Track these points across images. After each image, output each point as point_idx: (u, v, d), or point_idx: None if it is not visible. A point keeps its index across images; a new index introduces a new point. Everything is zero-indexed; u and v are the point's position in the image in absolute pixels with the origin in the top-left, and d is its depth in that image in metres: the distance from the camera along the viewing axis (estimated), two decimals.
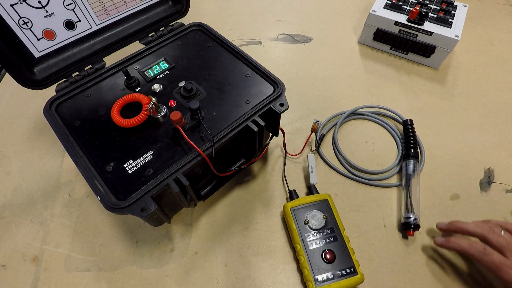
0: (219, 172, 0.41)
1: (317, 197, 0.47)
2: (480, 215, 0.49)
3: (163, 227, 0.48)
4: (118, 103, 0.42)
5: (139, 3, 0.50)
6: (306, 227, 0.44)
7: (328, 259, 0.41)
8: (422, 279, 0.44)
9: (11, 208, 0.50)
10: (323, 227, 0.44)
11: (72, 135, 0.40)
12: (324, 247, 0.42)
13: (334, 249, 0.42)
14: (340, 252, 0.42)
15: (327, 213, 0.45)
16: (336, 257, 0.41)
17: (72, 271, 0.44)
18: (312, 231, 0.44)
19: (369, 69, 0.69)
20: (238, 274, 0.44)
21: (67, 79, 0.46)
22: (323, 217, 0.44)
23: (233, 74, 0.47)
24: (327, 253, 0.41)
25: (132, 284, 0.43)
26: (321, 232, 0.43)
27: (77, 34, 0.46)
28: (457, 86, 0.66)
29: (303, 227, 0.44)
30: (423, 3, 0.68)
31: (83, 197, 0.51)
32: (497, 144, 0.57)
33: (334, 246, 0.42)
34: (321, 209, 0.46)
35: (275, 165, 0.55)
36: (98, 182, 0.36)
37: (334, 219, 0.45)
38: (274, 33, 0.76)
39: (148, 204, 0.34)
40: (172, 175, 0.36)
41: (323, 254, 0.42)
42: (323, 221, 0.44)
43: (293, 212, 0.45)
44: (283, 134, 0.49)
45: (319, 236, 0.43)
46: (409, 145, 0.53)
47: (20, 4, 0.39)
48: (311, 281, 0.40)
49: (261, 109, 0.42)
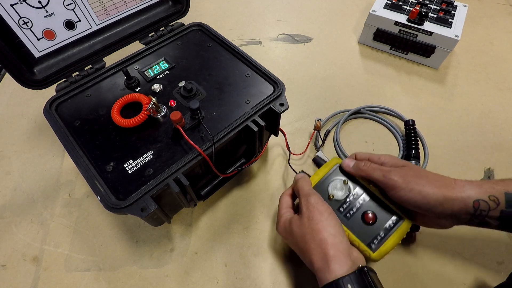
0: (221, 172, 0.41)
1: (327, 166, 0.44)
2: None
3: (163, 227, 0.48)
4: (118, 103, 0.41)
5: (139, 3, 0.50)
6: (333, 202, 0.41)
7: (370, 220, 0.39)
8: (422, 279, 0.44)
9: (11, 208, 0.50)
10: (348, 194, 0.41)
11: (72, 135, 0.40)
12: (360, 211, 0.40)
13: (370, 208, 0.40)
14: (377, 208, 0.40)
15: (345, 176, 0.43)
16: (377, 215, 0.39)
17: (72, 271, 0.44)
18: (340, 202, 0.41)
19: (369, 69, 0.69)
20: (238, 274, 0.44)
21: (67, 79, 0.46)
22: (344, 182, 0.42)
23: (233, 74, 0.47)
24: (366, 216, 0.39)
25: (132, 284, 0.43)
26: (349, 199, 0.41)
27: (77, 34, 0.46)
28: (457, 86, 0.66)
29: (330, 203, 0.41)
30: (423, 3, 0.68)
31: (83, 197, 0.51)
32: (497, 144, 0.57)
33: (369, 205, 0.40)
34: (337, 176, 0.43)
35: (275, 165, 0.55)
36: (98, 182, 0.36)
37: (354, 179, 0.42)
38: (274, 33, 0.76)
39: (148, 204, 0.34)
40: (172, 175, 0.36)
41: (363, 219, 0.39)
42: (345, 188, 0.42)
43: None
44: (284, 135, 0.49)
45: (349, 203, 0.41)
46: (411, 146, 0.53)
47: (20, 4, 0.39)
48: (366, 250, 0.37)
49: (261, 109, 0.42)
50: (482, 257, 0.45)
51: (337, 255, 0.33)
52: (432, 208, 0.35)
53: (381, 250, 0.37)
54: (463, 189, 0.35)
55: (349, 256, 0.34)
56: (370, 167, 0.40)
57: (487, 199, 0.34)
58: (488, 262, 0.45)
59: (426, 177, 0.36)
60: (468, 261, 0.45)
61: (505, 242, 0.46)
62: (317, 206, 0.37)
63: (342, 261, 0.33)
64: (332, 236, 0.34)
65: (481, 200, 0.34)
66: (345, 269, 0.32)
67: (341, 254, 0.33)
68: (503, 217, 0.33)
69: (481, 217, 0.34)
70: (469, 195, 0.34)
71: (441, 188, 0.35)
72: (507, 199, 0.33)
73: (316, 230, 0.35)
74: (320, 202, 0.38)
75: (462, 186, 0.35)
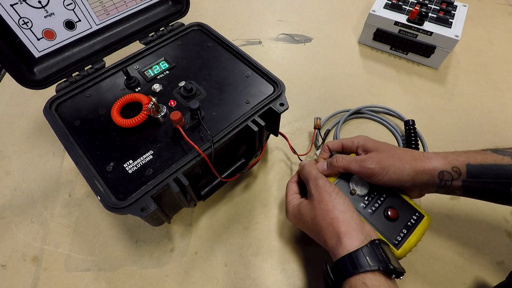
0: (220, 174, 0.41)
1: None
2: (480, 215, 0.49)
3: (163, 227, 0.48)
4: (118, 103, 0.41)
5: (139, 3, 0.50)
6: (355, 198, 0.41)
7: (392, 216, 0.39)
8: (422, 279, 0.44)
9: (11, 208, 0.50)
10: (370, 190, 0.41)
11: (72, 135, 0.40)
12: (382, 207, 0.40)
13: (392, 204, 0.40)
14: (399, 204, 0.40)
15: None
16: (399, 211, 0.39)
17: (72, 271, 0.44)
18: (363, 198, 0.41)
19: (369, 69, 0.69)
20: (238, 274, 0.44)
21: (67, 79, 0.46)
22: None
23: (233, 74, 0.47)
24: (388, 212, 0.39)
25: (132, 284, 0.43)
26: (371, 195, 0.41)
27: (77, 34, 0.46)
28: (457, 86, 0.66)
29: (353, 198, 0.40)
30: (423, 3, 0.68)
31: (83, 197, 0.51)
32: (497, 144, 0.57)
33: (391, 201, 0.40)
34: None
35: (275, 165, 0.55)
36: (98, 182, 0.36)
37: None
38: (274, 33, 0.76)
39: (148, 204, 0.34)
40: (172, 175, 0.36)
41: (385, 215, 0.39)
42: (367, 184, 0.41)
43: None
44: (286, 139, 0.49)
45: (372, 199, 0.41)
46: (411, 146, 0.53)
47: (20, 4, 0.39)
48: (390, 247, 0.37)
49: (261, 109, 0.42)
50: (482, 257, 0.45)
51: (349, 231, 0.34)
52: (405, 183, 0.38)
53: (405, 247, 0.37)
54: (430, 161, 0.37)
55: (360, 231, 0.34)
56: (344, 161, 0.41)
57: (450, 170, 0.36)
58: (488, 262, 0.45)
59: (398, 156, 0.38)
60: (468, 261, 0.45)
61: (505, 242, 0.46)
62: (325, 187, 0.38)
63: (354, 236, 0.33)
64: (342, 213, 0.35)
65: (445, 171, 0.36)
66: (357, 243, 0.32)
67: (353, 229, 0.34)
68: (465, 186, 0.36)
69: (446, 187, 0.37)
70: (435, 167, 0.36)
71: (411, 162, 0.37)
72: (468, 170, 0.35)
73: (326, 210, 0.36)
74: (327, 184, 0.39)
75: (429, 158, 0.37)
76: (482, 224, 0.48)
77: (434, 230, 0.47)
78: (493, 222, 0.48)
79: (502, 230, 0.48)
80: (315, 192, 0.38)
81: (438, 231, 0.47)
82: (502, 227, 0.48)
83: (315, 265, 0.45)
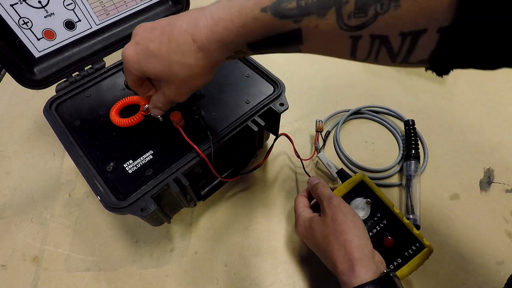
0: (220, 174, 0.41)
1: (351, 182, 0.43)
2: (480, 215, 0.49)
3: (163, 227, 0.48)
4: (118, 104, 0.42)
5: (139, 3, 0.50)
6: None
7: (388, 245, 0.38)
8: (422, 279, 0.44)
9: (11, 208, 0.50)
10: (370, 214, 0.40)
11: (72, 135, 0.40)
12: (381, 234, 0.39)
13: (391, 232, 0.39)
14: (398, 233, 0.39)
15: (369, 196, 0.42)
16: (397, 240, 0.38)
17: (72, 271, 0.44)
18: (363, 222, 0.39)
19: (369, 69, 0.69)
20: (238, 274, 0.44)
21: (67, 79, 0.46)
22: (367, 202, 0.41)
23: (233, 74, 0.47)
24: (386, 240, 0.38)
25: (132, 284, 0.43)
26: (371, 220, 0.40)
27: (77, 34, 0.46)
28: (457, 86, 0.66)
29: None
30: None
31: (83, 197, 0.51)
32: (497, 144, 0.57)
33: (390, 229, 0.39)
34: (361, 194, 0.42)
35: (275, 165, 0.55)
36: (98, 182, 0.36)
37: (378, 199, 0.41)
38: None
39: (148, 204, 0.34)
40: (172, 175, 0.36)
41: (383, 242, 0.39)
42: (368, 208, 0.41)
43: None
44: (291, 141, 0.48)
45: (371, 224, 0.40)
46: (410, 146, 0.53)
47: (20, 4, 0.39)
48: None
49: (261, 109, 0.42)
50: (482, 257, 0.45)
51: (363, 258, 0.32)
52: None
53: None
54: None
55: (373, 259, 0.33)
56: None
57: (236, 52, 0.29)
58: (488, 262, 0.45)
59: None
60: (468, 261, 0.45)
61: (505, 242, 0.46)
62: (340, 207, 0.36)
63: (368, 265, 0.31)
64: (357, 238, 0.33)
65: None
66: (371, 274, 0.31)
67: (366, 257, 0.32)
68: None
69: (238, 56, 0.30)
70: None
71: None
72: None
73: (340, 231, 0.34)
74: (342, 204, 0.37)
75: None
76: (482, 224, 0.48)
77: (434, 230, 0.47)
78: (493, 222, 0.48)
79: (502, 230, 0.48)
80: (329, 211, 0.37)
81: (438, 231, 0.47)
82: (502, 227, 0.48)
83: (315, 265, 0.45)
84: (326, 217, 0.36)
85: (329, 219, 0.36)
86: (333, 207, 0.37)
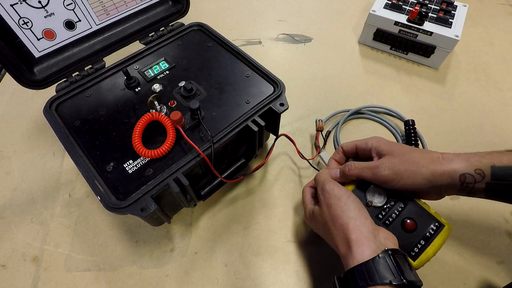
0: (221, 174, 0.41)
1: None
2: (480, 215, 0.49)
3: (163, 227, 0.48)
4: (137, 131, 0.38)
5: (139, 3, 0.50)
6: (372, 209, 0.39)
7: (410, 228, 0.37)
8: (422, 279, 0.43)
9: (11, 208, 0.50)
10: (387, 200, 0.40)
11: (72, 135, 0.40)
12: (400, 218, 0.38)
13: (410, 214, 0.38)
14: (417, 214, 0.38)
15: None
16: (417, 221, 0.38)
17: (72, 271, 0.44)
18: (380, 209, 0.39)
19: (369, 69, 0.69)
20: (238, 274, 0.44)
21: (67, 79, 0.46)
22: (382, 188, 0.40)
23: (233, 74, 0.47)
24: (406, 223, 0.38)
25: (132, 284, 0.43)
26: (389, 205, 0.39)
27: (77, 34, 0.46)
28: (457, 86, 0.66)
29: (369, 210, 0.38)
30: (423, 3, 0.68)
31: (83, 197, 0.51)
32: (497, 144, 0.57)
33: (409, 212, 0.38)
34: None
35: (275, 165, 0.55)
36: (98, 182, 0.36)
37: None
38: (274, 33, 0.76)
39: (148, 204, 0.34)
40: (172, 175, 0.36)
41: (403, 226, 0.38)
42: (384, 193, 0.40)
43: None
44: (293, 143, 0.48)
45: (389, 210, 0.39)
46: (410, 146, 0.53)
47: (20, 4, 0.39)
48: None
49: (261, 109, 0.42)
50: (482, 257, 0.45)
51: (359, 239, 0.32)
52: (421, 187, 0.36)
53: (422, 258, 0.36)
54: (450, 163, 0.35)
55: (373, 239, 0.32)
56: (356, 169, 0.39)
57: (473, 173, 0.34)
58: (488, 262, 0.45)
59: (413, 160, 0.36)
60: (468, 261, 0.45)
61: (505, 242, 0.46)
62: (332, 192, 0.37)
63: (365, 244, 0.31)
64: (353, 220, 0.34)
65: (467, 174, 0.34)
66: (368, 253, 0.31)
67: (364, 237, 0.32)
68: (488, 189, 0.34)
69: (468, 189, 0.34)
70: (455, 169, 0.34)
71: (429, 166, 0.35)
72: (493, 172, 0.33)
73: (335, 216, 0.35)
74: (335, 188, 0.37)
75: (449, 160, 0.35)
76: (482, 224, 0.48)
77: None
78: (493, 222, 0.48)
79: (502, 230, 0.48)
80: (323, 198, 0.37)
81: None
82: (502, 227, 0.48)
83: (315, 265, 0.45)
84: (322, 204, 0.37)
85: (324, 206, 0.37)
86: (326, 193, 0.37)
